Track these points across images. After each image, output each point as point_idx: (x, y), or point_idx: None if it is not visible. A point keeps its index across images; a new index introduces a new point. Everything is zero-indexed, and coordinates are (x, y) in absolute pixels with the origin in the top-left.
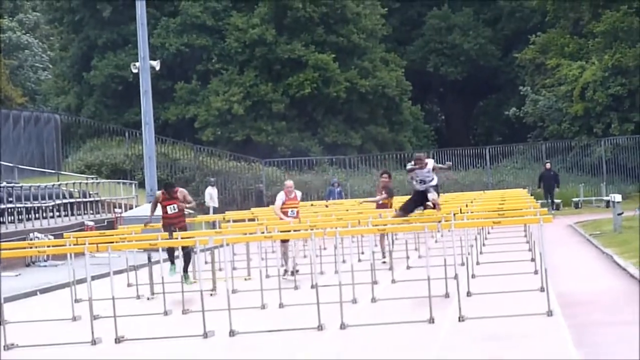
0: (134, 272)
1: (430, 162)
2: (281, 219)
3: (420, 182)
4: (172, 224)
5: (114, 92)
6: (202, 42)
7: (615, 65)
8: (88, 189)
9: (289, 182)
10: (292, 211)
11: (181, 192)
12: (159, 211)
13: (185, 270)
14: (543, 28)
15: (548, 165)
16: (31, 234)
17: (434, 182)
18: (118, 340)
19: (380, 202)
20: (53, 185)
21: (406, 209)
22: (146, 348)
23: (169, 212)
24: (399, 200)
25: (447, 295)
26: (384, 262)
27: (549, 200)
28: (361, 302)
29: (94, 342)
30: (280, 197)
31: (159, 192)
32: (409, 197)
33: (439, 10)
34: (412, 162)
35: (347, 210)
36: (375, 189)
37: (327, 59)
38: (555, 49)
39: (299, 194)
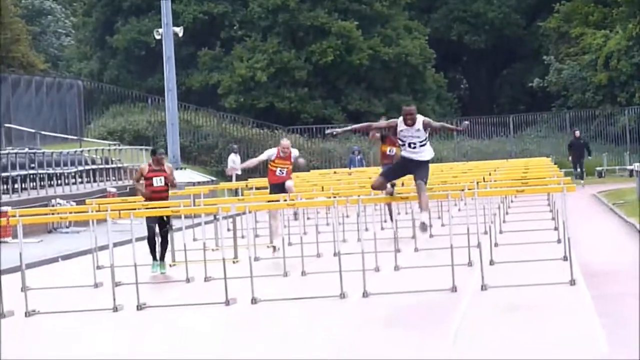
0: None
1: (420, 119)
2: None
3: (410, 146)
4: (158, 198)
5: (136, 57)
6: (223, 8)
7: (639, 35)
8: (110, 156)
9: (285, 142)
10: (280, 170)
11: (168, 166)
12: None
13: (162, 257)
14: None
15: (577, 134)
16: (53, 200)
17: (428, 155)
18: (140, 307)
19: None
20: (75, 151)
21: (387, 176)
22: (168, 315)
23: (155, 184)
24: None
25: (470, 264)
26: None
27: (578, 170)
28: (384, 270)
29: (115, 309)
30: (270, 153)
31: (144, 165)
32: None
33: None
34: (401, 118)
35: (369, 178)
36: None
37: (350, 26)
38: (580, 18)
39: (295, 152)
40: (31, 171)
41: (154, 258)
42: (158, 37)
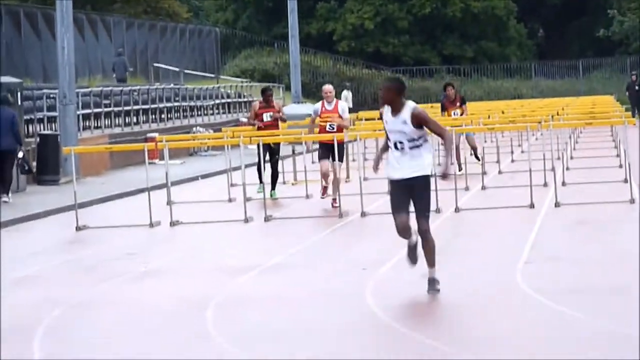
0: (281, 161)
1: (410, 107)
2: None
3: (396, 147)
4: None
5: (265, 8)
6: None
7: None
8: (242, 91)
9: (327, 87)
10: (330, 126)
11: (277, 103)
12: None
13: (273, 185)
14: None
15: (634, 77)
16: (194, 128)
17: (427, 165)
18: (267, 219)
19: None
20: (213, 87)
21: (399, 210)
22: (290, 226)
23: (264, 119)
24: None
25: (545, 185)
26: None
27: (635, 108)
28: (472, 189)
29: (246, 220)
30: (315, 108)
31: (256, 102)
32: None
33: None
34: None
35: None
36: (445, 101)
37: None
38: None
39: (343, 105)
40: (176, 103)
41: (260, 181)
42: None
